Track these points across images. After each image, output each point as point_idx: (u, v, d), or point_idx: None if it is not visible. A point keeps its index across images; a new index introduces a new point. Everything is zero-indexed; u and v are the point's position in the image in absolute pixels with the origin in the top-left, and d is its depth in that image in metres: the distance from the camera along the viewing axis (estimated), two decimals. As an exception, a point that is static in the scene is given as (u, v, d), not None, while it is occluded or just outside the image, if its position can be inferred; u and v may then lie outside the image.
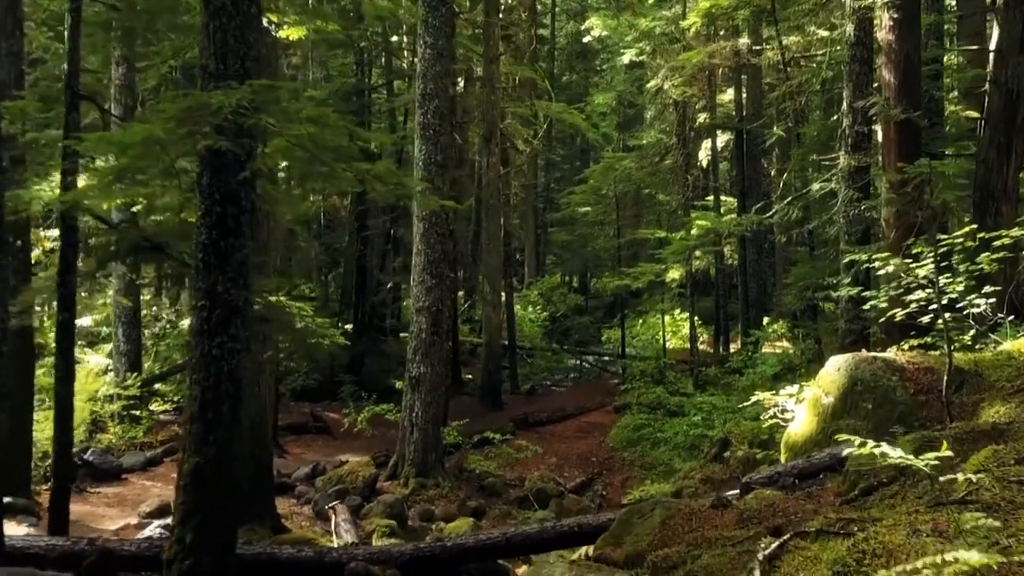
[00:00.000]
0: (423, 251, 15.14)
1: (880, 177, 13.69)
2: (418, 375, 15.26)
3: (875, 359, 9.17)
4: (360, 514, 14.25)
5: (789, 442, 9.67)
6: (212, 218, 7.12)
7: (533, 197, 38.77)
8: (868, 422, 8.89)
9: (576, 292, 39.34)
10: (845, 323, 13.74)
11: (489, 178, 22.33)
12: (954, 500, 4.94)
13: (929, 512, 4.98)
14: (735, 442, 16.29)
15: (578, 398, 24.52)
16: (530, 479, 16.56)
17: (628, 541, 7.92)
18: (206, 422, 7.06)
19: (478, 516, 14.95)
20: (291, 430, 19.46)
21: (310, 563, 8.80)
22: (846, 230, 13.78)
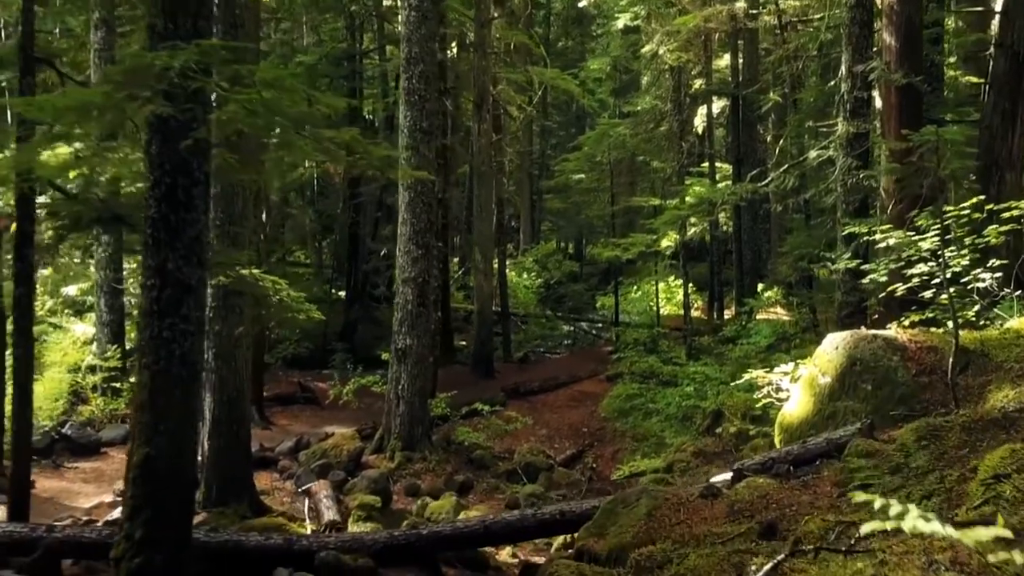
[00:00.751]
0: (409, 220, 14.46)
1: (879, 144, 13.00)
2: (404, 347, 14.63)
3: (875, 337, 8.53)
4: (344, 489, 13.67)
5: (784, 423, 9.05)
6: (161, 190, 6.44)
7: (528, 164, 37.99)
8: (867, 404, 8.28)
9: (571, 258, 38.67)
10: (842, 295, 13.10)
11: (481, 145, 21.58)
12: (970, 522, 4.27)
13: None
14: (728, 414, 15.71)
15: (571, 366, 23.91)
16: (519, 452, 15.97)
17: (612, 533, 7.31)
18: (157, 410, 6.42)
19: (465, 490, 14.39)
20: (278, 401, 18.87)
21: (279, 551, 8.22)
22: (844, 199, 13.10)
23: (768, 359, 16.62)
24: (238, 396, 11.52)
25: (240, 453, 11.67)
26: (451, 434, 16.22)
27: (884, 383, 8.20)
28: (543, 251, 37.11)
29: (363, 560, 8.03)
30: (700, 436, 16.03)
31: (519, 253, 38.28)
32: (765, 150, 29.94)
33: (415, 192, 14.35)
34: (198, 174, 6.55)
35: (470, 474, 15.05)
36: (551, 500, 14.33)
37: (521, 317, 30.62)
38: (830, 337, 8.92)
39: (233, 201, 11.22)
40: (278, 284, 9.95)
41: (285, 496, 13.35)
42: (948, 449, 6.43)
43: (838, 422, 8.37)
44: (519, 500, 14.01)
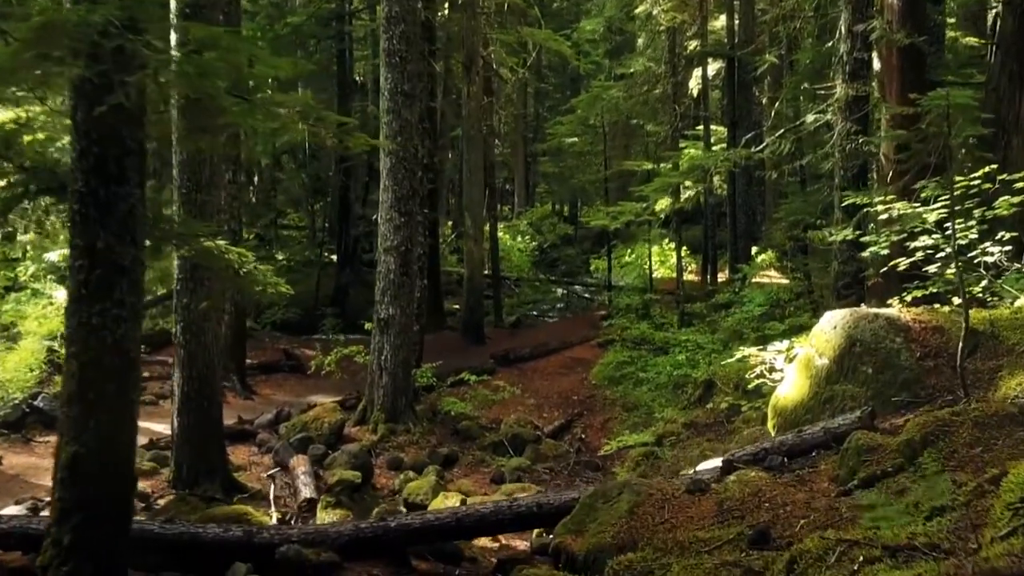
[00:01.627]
0: (390, 187, 13.65)
1: (880, 108, 12.18)
2: (387, 317, 13.89)
3: (876, 316, 7.78)
4: (324, 464, 12.97)
5: (778, 407, 8.32)
6: (89, 161, 5.66)
7: (523, 127, 37.03)
8: (867, 389, 7.55)
9: (566, 221, 37.86)
10: (839, 264, 12.32)
11: (470, 108, 20.68)
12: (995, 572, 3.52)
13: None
14: (720, 384, 15.01)
15: (562, 332, 23.21)
16: (506, 422, 15.28)
17: (591, 531, 6.60)
18: (86, 404, 5.68)
19: (449, 464, 13.71)
20: (262, 369, 18.14)
21: (238, 544, 7.52)
22: (841, 165, 12.28)
23: (762, 327, 15.89)
24: (208, 372, 10.79)
25: (211, 430, 10.97)
26: (437, 404, 15.52)
27: (886, 366, 7.47)
28: (538, 214, 36.30)
29: (327, 555, 7.34)
30: (691, 406, 15.35)
31: (514, 216, 37.48)
32: (761, 113, 29.09)
33: (397, 158, 13.53)
34: (130, 143, 5.76)
35: (455, 446, 14.37)
36: (537, 473, 13.70)
37: (514, 281, 29.89)
38: (828, 315, 8.18)
39: (200, 168, 10.42)
40: (245, 256, 9.15)
41: (262, 471, 12.65)
42: (958, 447, 5.71)
43: (836, 407, 7.66)
44: (504, 474, 13.35)
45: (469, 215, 21.37)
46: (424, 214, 16.59)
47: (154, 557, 7.56)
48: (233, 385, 16.11)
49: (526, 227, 34.85)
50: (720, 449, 12.60)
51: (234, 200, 15.77)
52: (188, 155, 10.34)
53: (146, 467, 11.15)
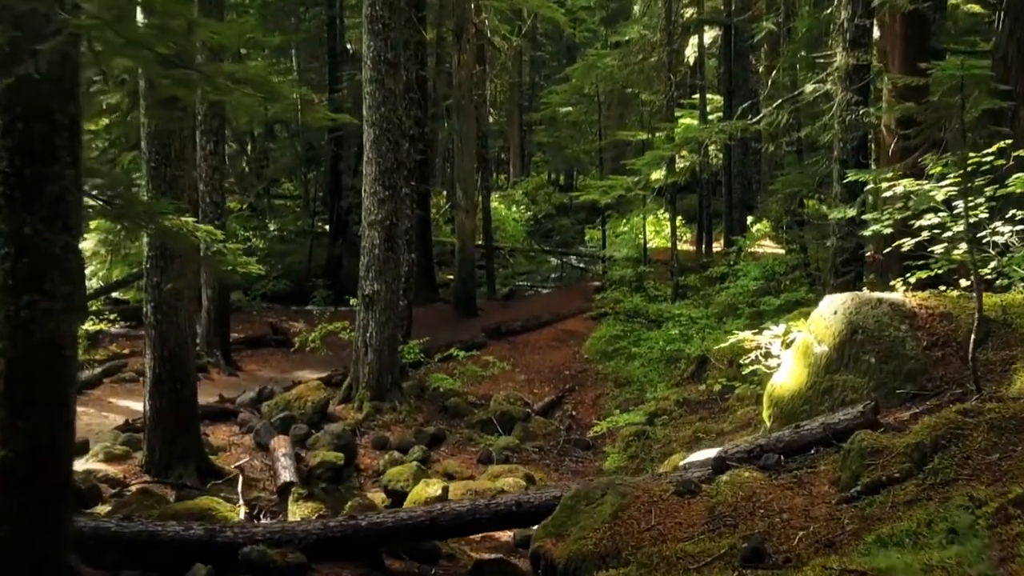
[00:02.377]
0: (374, 160, 12.96)
1: (881, 78, 11.49)
2: (372, 293, 13.26)
3: (879, 302, 7.15)
4: (307, 444, 12.41)
5: (774, 396, 7.71)
6: (14, 138, 5.01)
7: (518, 95, 36.16)
8: (870, 380, 6.93)
9: (562, 191, 37.12)
10: (838, 240, 11.65)
11: (461, 77, 19.91)
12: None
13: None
14: (714, 360, 14.44)
15: (555, 304, 22.60)
16: (495, 399, 14.70)
17: (572, 535, 6.01)
18: (14, 405, 5.08)
19: (436, 443, 13.15)
20: (248, 344, 17.52)
21: (199, 543, 6.95)
22: (841, 137, 11.58)
23: (757, 302, 15.26)
24: (180, 352, 10.18)
25: (185, 413, 10.37)
26: (425, 381, 14.94)
27: (890, 356, 6.85)
28: (533, 184, 35.55)
29: (294, 556, 6.77)
30: (684, 382, 14.78)
31: (509, 186, 36.74)
32: (757, 81, 28.33)
33: (380, 129, 12.83)
34: (60, 118, 5.11)
35: (443, 424, 13.81)
36: (526, 453, 13.14)
37: (508, 252, 29.24)
38: (827, 300, 7.54)
39: (169, 141, 9.74)
40: (213, 235, 8.51)
41: (243, 453, 12.09)
42: (973, 453, 5.11)
43: (836, 399, 7.05)
44: (491, 454, 12.79)
45: (460, 187, 20.68)
46: (412, 186, 15.90)
47: (112, 555, 7.02)
48: (217, 361, 15.52)
49: (521, 197, 34.10)
50: (713, 431, 12.04)
51: (215, 172, 15.09)
52: (156, 127, 9.66)
53: (118, 451, 10.57)
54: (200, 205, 15.00)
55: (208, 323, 15.60)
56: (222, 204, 15.40)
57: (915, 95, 10.76)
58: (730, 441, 11.28)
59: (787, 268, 16.81)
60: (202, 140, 14.94)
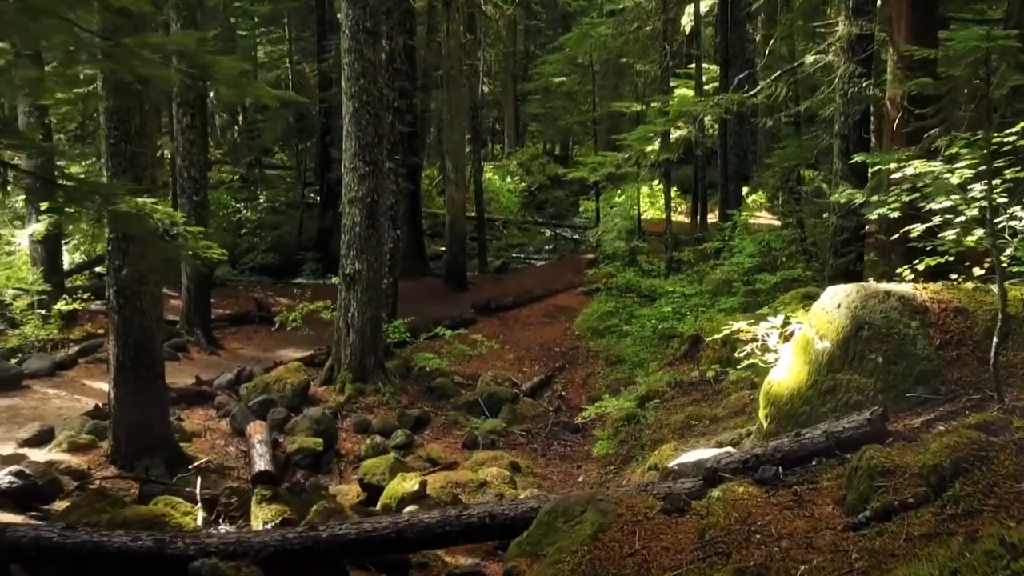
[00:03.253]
0: (353, 134, 12.15)
1: (886, 48, 10.68)
2: (353, 272, 12.51)
3: (888, 295, 6.41)
4: (285, 429, 11.74)
5: (771, 394, 6.99)
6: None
7: (512, 65, 35.15)
8: (877, 381, 6.21)
9: (557, 161, 36.22)
10: (838, 219, 10.91)
11: (450, 47, 19.02)
12: None
13: None
14: (707, 340, 13.73)
15: (548, 277, 21.87)
16: (483, 380, 14.01)
17: (549, 556, 5.32)
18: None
19: (420, 426, 12.48)
20: (231, 321, 16.78)
21: (148, 555, 6.27)
22: (842, 111, 10.81)
23: (752, 280, 14.52)
24: (146, 339, 9.46)
25: (152, 402, 9.68)
26: (411, 360, 14.23)
27: (899, 355, 6.12)
28: (528, 154, 34.64)
29: (248, 570, 6.09)
30: (677, 362, 14.09)
31: (504, 156, 35.87)
32: (754, 51, 27.42)
33: (360, 102, 12.02)
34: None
35: (428, 405, 13.13)
36: (513, 437, 12.47)
37: (501, 223, 28.45)
38: (830, 291, 6.80)
39: (128, 116, 8.94)
40: (173, 217, 7.77)
41: (219, 439, 11.41)
42: (999, 480, 4.40)
43: (839, 401, 6.34)
44: (477, 438, 12.13)
45: (450, 159, 19.86)
46: (397, 161, 15.10)
47: (54, 567, 6.37)
48: (197, 339, 14.81)
49: (516, 168, 33.23)
50: (706, 416, 11.33)
51: (192, 145, 14.27)
52: (116, 103, 8.87)
53: (83, 440, 9.90)
54: (178, 180, 14.24)
55: (188, 300, 14.88)
56: (201, 178, 14.60)
57: (923, 67, 9.99)
58: (724, 430, 10.63)
59: (783, 243, 16.05)
60: (178, 113, 14.15)
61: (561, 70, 25.56)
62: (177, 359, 14.23)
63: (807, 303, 12.19)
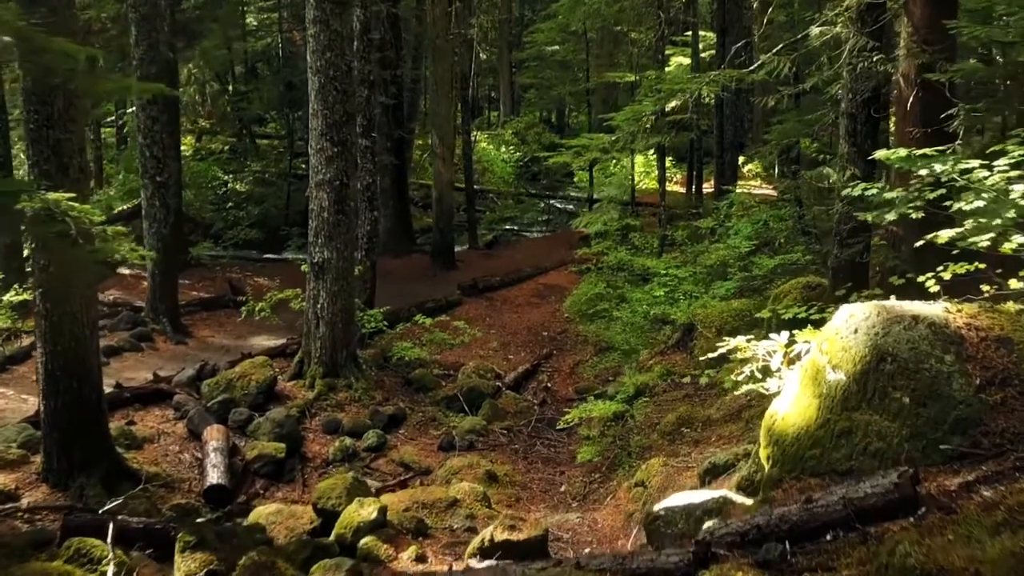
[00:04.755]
0: (320, 112, 10.84)
1: (900, 19, 9.32)
2: (321, 261, 11.28)
3: (916, 321, 5.15)
4: (247, 431, 10.60)
5: (774, 431, 5.74)
6: None
7: (507, 32, 33.56)
8: (903, 425, 4.95)
9: (553, 129, 34.75)
10: (844, 205, 9.60)
11: (435, 15, 17.59)
12: None
13: None
14: (701, 328, 12.52)
15: (539, 253, 20.61)
16: (463, 371, 12.83)
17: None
18: None
19: (395, 424, 11.33)
20: (204, 305, 15.50)
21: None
22: (850, 88, 9.47)
23: (749, 264, 13.25)
24: (77, 345, 8.23)
25: (87, 413, 8.47)
26: (388, 350, 13.02)
27: (931, 396, 4.88)
28: (524, 123, 33.17)
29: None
30: (669, 351, 12.87)
31: (500, 124, 34.41)
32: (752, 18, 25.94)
33: (326, 77, 10.70)
34: None
35: (405, 400, 11.96)
36: (493, 436, 11.29)
37: (495, 194, 27.11)
38: (845, 311, 5.53)
39: (51, 98, 7.64)
40: (91, 215, 6.51)
41: (173, 444, 10.23)
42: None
43: (856, 446, 5.10)
44: (454, 439, 10.97)
45: (436, 132, 18.49)
46: (372, 138, 13.75)
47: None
48: (164, 328, 13.57)
49: (511, 137, 31.79)
50: (699, 418, 10.10)
51: (154, 123, 12.94)
52: (34, 83, 7.57)
53: (13, 455, 8.71)
54: (140, 160, 12.94)
55: (153, 286, 13.63)
56: (164, 158, 13.25)
57: (941, 40, 8.67)
58: (717, 440, 9.43)
59: (781, 223, 14.75)
60: (139, 87, 12.78)
61: (554, 38, 24.05)
62: (140, 350, 13.03)
63: (809, 295, 10.97)
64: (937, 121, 8.69)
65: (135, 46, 12.60)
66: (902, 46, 9.17)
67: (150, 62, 12.66)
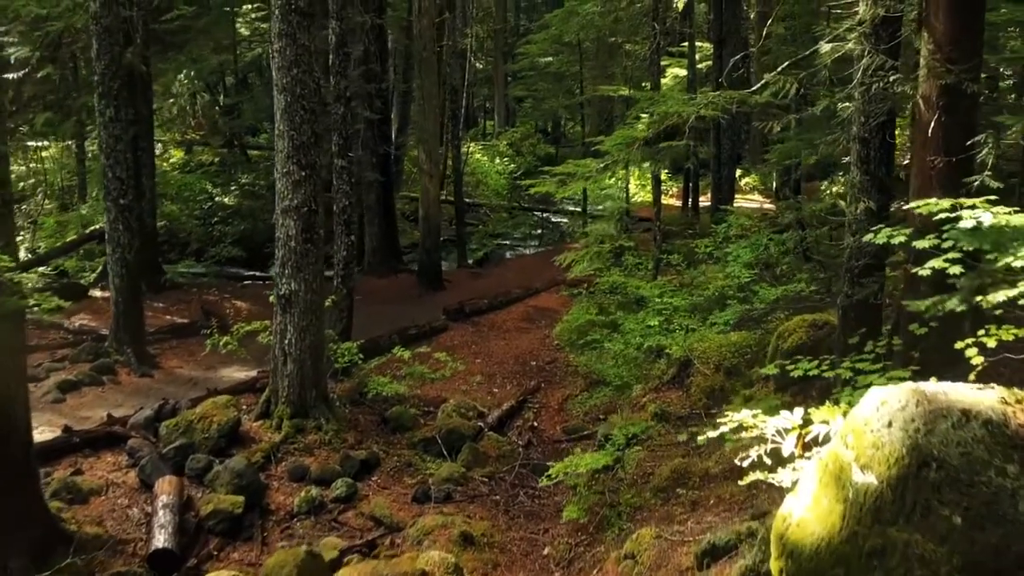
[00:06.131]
0: (286, 133, 9.74)
1: (919, 35, 8.23)
2: (288, 294, 10.19)
3: (966, 417, 4.05)
4: (205, 480, 9.50)
5: (788, 540, 4.62)
6: None
7: (502, 42, 32.47)
8: (953, 552, 3.81)
9: (548, 139, 33.65)
10: (855, 238, 8.48)
11: (421, 26, 16.48)
12: None
13: None
14: (698, 364, 11.47)
15: (530, 271, 19.49)
16: (444, 409, 11.73)
17: None
18: None
19: (367, 471, 10.23)
20: (174, 333, 14.35)
21: None
22: (863, 110, 8.37)
23: (750, 298, 12.14)
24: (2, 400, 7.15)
25: (14, 473, 7.41)
26: (365, 383, 11.91)
27: (990, 519, 3.78)
28: (519, 133, 32.09)
29: None
30: (664, 387, 11.80)
31: (494, 135, 33.33)
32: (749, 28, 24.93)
33: (292, 96, 9.61)
34: None
35: (379, 442, 10.86)
36: (473, 484, 10.17)
37: (487, 208, 26.02)
38: (875, 397, 4.41)
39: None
40: None
41: (122, 497, 9.14)
42: None
43: (892, 572, 4.00)
44: (430, 489, 9.87)
45: (423, 148, 17.38)
46: (349, 158, 12.62)
47: None
48: (128, 359, 12.46)
49: (505, 148, 30.73)
50: (696, 472, 8.95)
51: (117, 142, 11.84)
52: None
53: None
54: (103, 181, 11.86)
55: (116, 315, 12.51)
56: (128, 178, 12.12)
57: (967, 57, 7.59)
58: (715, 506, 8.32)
59: (782, 249, 13.64)
60: (100, 104, 11.71)
61: (547, 50, 22.95)
62: (101, 384, 11.94)
63: (816, 336, 9.86)
64: (962, 149, 7.62)
65: (96, 59, 11.52)
66: (922, 65, 8.08)
67: (112, 77, 11.56)
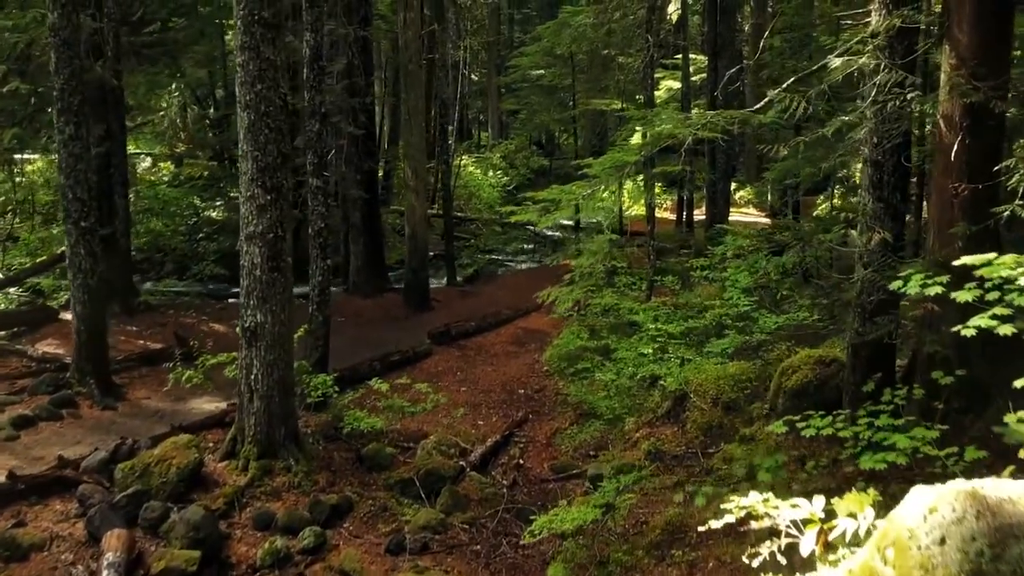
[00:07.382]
0: (250, 154, 8.78)
1: (939, 48, 7.32)
2: (253, 326, 9.22)
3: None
4: (160, 531, 8.52)
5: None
6: None
7: (495, 55, 31.55)
8: None
9: (542, 151, 32.73)
10: (866, 271, 7.55)
11: (407, 39, 15.53)
12: None
13: None
14: (694, 397, 10.52)
15: (521, 289, 18.48)
16: (423, 446, 10.77)
17: None
18: None
19: (338, 516, 9.23)
20: (144, 360, 13.30)
21: None
22: (875, 131, 7.44)
23: (749, 324, 11.20)
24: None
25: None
26: (341, 417, 10.95)
27: None
28: (514, 145, 31.17)
29: None
30: (658, 421, 10.84)
31: (488, 148, 32.42)
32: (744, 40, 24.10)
33: (256, 113, 8.66)
34: None
35: (353, 483, 9.87)
36: (453, 532, 9.18)
37: (479, 222, 25.09)
38: (920, 500, 3.42)
39: None
40: None
41: (67, 552, 8.15)
42: None
43: None
44: (405, 538, 8.87)
45: (410, 164, 16.42)
46: (324, 178, 11.65)
47: None
48: (90, 391, 11.45)
49: (499, 160, 29.81)
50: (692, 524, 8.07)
51: (78, 161, 10.86)
52: None
53: None
54: (62, 203, 10.91)
55: (79, 345, 11.53)
56: (92, 200, 11.15)
57: (994, 73, 6.69)
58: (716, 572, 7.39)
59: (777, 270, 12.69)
60: (59, 121, 10.76)
61: (539, 62, 22.02)
62: (60, 418, 10.94)
63: (823, 375, 8.92)
64: (988, 175, 6.70)
65: (55, 74, 10.56)
66: (944, 81, 7.16)
67: (71, 92, 10.61)
